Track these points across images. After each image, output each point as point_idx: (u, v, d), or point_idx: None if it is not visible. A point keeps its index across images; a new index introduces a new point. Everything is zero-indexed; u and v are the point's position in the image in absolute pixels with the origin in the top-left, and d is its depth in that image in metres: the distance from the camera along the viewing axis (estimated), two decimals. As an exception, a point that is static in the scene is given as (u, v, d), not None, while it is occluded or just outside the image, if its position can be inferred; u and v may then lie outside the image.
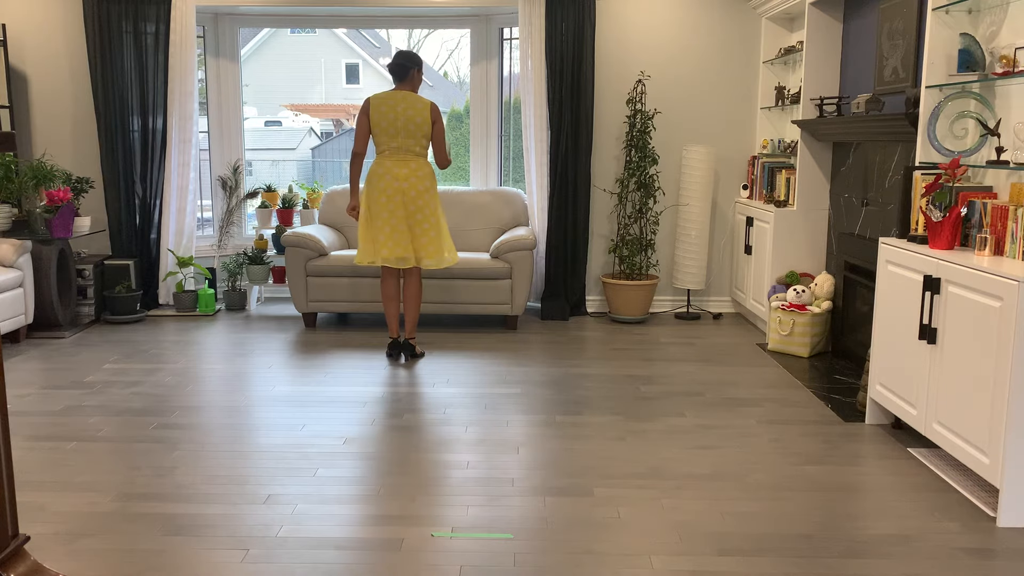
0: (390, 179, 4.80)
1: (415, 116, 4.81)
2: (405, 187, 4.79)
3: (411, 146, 4.84)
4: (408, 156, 4.84)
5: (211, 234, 6.83)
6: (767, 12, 6.02)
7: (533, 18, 5.99)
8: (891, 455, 3.62)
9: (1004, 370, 2.90)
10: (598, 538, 2.86)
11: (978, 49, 3.59)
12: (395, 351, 5.06)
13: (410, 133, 4.82)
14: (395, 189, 4.78)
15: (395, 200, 4.79)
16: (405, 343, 5.03)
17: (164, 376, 4.69)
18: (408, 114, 4.81)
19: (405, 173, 4.81)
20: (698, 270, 6.20)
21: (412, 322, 5.05)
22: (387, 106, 4.81)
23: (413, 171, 4.82)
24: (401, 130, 4.80)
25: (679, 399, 4.35)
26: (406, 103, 4.82)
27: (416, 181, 4.81)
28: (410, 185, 4.80)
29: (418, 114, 4.82)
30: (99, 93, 6.05)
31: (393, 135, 4.81)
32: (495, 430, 3.88)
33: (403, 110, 4.81)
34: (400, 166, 4.82)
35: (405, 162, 4.83)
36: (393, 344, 5.06)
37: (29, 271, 5.41)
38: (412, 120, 4.81)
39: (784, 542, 2.84)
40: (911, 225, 3.85)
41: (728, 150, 6.36)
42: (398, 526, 2.94)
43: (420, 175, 4.83)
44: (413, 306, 5.02)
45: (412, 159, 4.85)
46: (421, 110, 4.83)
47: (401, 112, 4.80)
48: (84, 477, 3.33)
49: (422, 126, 4.82)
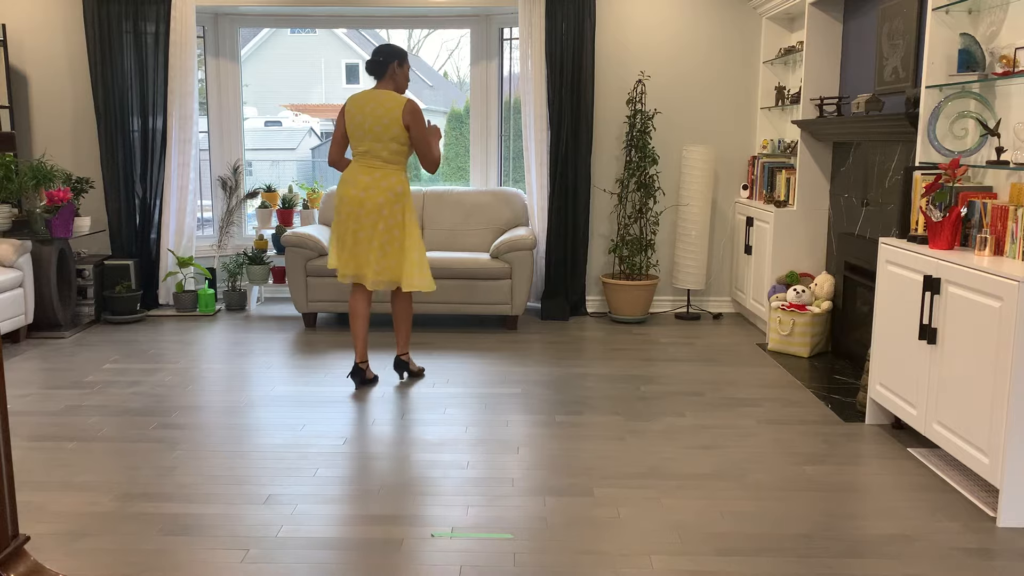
0: (350, 185, 4.28)
1: (383, 116, 4.22)
2: (362, 196, 4.24)
3: (378, 151, 4.26)
4: (374, 163, 4.28)
5: (211, 234, 6.83)
6: (767, 12, 6.02)
7: (533, 18, 5.99)
8: (891, 455, 3.62)
9: (1004, 370, 2.90)
10: (598, 538, 2.86)
11: (978, 49, 3.59)
12: (358, 376, 4.49)
13: (376, 136, 4.24)
14: (351, 197, 4.26)
15: (350, 209, 4.28)
16: (397, 360, 4.60)
17: (164, 376, 4.69)
18: (377, 113, 4.22)
19: (366, 182, 4.26)
20: (698, 270, 6.20)
21: (402, 337, 4.60)
22: (357, 107, 4.27)
23: (376, 180, 4.26)
24: (368, 132, 4.24)
25: (679, 399, 4.35)
26: (375, 102, 4.25)
27: (376, 192, 4.24)
28: (368, 196, 4.24)
29: (387, 114, 4.22)
30: (99, 93, 6.05)
31: (360, 139, 4.27)
32: (495, 430, 3.88)
33: (372, 110, 4.24)
34: (364, 172, 4.28)
35: (370, 169, 4.28)
36: (356, 370, 4.49)
37: (29, 271, 5.41)
38: (379, 121, 4.22)
39: (784, 542, 2.84)
40: (911, 225, 3.85)
41: (728, 150, 6.36)
42: (398, 526, 2.94)
43: (383, 186, 4.25)
44: (401, 323, 4.57)
45: (379, 167, 4.29)
46: (391, 109, 4.22)
47: (370, 112, 4.24)
48: (84, 477, 3.33)
49: (390, 127, 4.22)
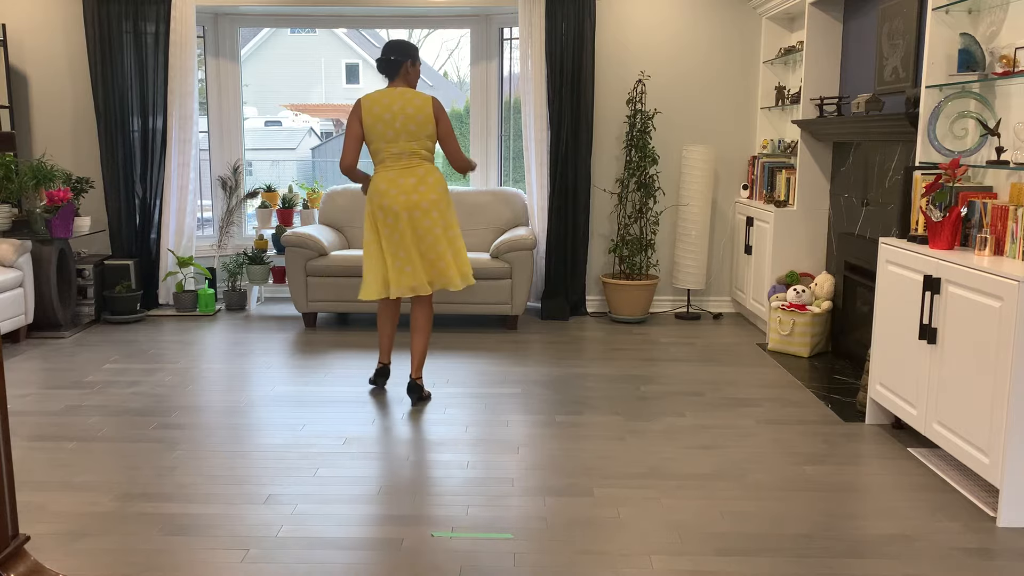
0: (396, 192, 4.04)
1: (416, 113, 4.05)
2: (415, 199, 4.03)
3: (415, 149, 4.08)
4: (413, 161, 4.09)
5: (211, 234, 6.83)
6: (767, 12, 6.02)
7: (533, 18, 5.99)
8: (891, 455, 3.62)
9: (1004, 370, 2.90)
10: (598, 538, 2.86)
11: (978, 49, 3.59)
12: (381, 379, 4.39)
13: (412, 134, 4.06)
14: (402, 204, 4.03)
15: (402, 218, 4.04)
16: (412, 384, 4.24)
17: (164, 376, 4.69)
18: (407, 112, 4.04)
19: (412, 183, 4.05)
20: (698, 270, 6.20)
21: (419, 357, 4.26)
22: (381, 105, 4.05)
23: (421, 179, 4.07)
24: (401, 132, 4.05)
25: (679, 399, 4.35)
26: (404, 99, 4.07)
27: (427, 191, 4.05)
28: (420, 196, 4.04)
29: (419, 111, 4.05)
30: (99, 93, 6.05)
31: (392, 139, 4.06)
32: (495, 430, 3.88)
33: (400, 108, 4.05)
34: (406, 175, 4.07)
35: (411, 169, 4.08)
36: (381, 371, 4.39)
37: (29, 271, 5.41)
38: (413, 118, 4.04)
39: (784, 542, 2.84)
40: (911, 225, 3.85)
41: (728, 150, 6.36)
42: (398, 526, 2.94)
43: (430, 183, 4.07)
44: (421, 338, 4.26)
45: (418, 165, 4.09)
46: (421, 106, 4.06)
47: (399, 110, 4.04)
48: (84, 477, 3.33)
49: (425, 125, 4.06)
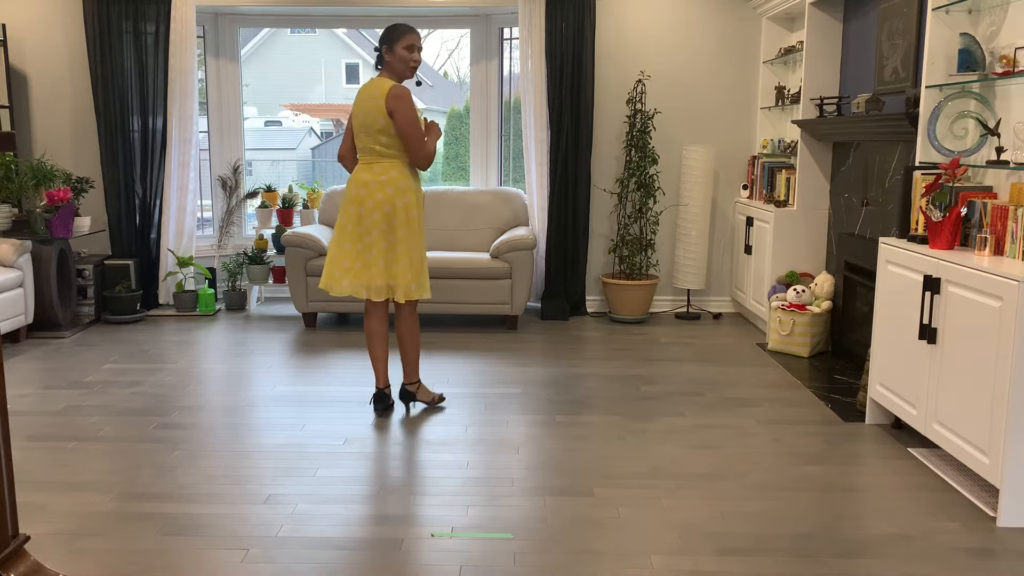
0: (353, 186, 3.93)
1: (371, 108, 3.85)
2: (363, 195, 3.87)
3: (372, 144, 3.90)
4: (371, 158, 3.92)
5: (211, 234, 6.83)
6: (767, 12, 6.02)
7: (533, 18, 5.99)
8: (891, 455, 3.62)
9: (1004, 370, 2.90)
10: (598, 538, 2.86)
11: (978, 49, 3.59)
12: (380, 405, 4.12)
13: (367, 129, 3.88)
14: (352, 197, 3.91)
15: (350, 212, 3.92)
16: (404, 391, 4.16)
17: (164, 376, 4.69)
18: (366, 107, 3.87)
19: (365, 178, 3.89)
20: (698, 270, 6.20)
21: (410, 364, 4.14)
22: (359, 98, 3.94)
23: (375, 176, 3.89)
24: (362, 127, 3.90)
25: (679, 399, 4.35)
26: (365, 93, 3.90)
27: (375, 188, 3.86)
28: (368, 193, 3.86)
29: (372, 104, 3.85)
30: (99, 93, 6.05)
31: (359, 133, 3.93)
32: (495, 430, 3.88)
33: (361, 102, 3.90)
34: (365, 170, 3.92)
35: (369, 166, 3.92)
36: (379, 396, 4.12)
37: (29, 271, 5.41)
38: (369, 112, 3.86)
39: (784, 542, 2.84)
40: (911, 225, 3.85)
41: (728, 150, 6.36)
42: (398, 526, 2.94)
43: (382, 180, 3.87)
44: (407, 347, 4.12)
45: (376, 161, 3.92)
46: (375, 98, 3.84)
47: (361, 103, 3.90)
48: (84, 477, 3.33)
49: (377, 118, 3.84)
